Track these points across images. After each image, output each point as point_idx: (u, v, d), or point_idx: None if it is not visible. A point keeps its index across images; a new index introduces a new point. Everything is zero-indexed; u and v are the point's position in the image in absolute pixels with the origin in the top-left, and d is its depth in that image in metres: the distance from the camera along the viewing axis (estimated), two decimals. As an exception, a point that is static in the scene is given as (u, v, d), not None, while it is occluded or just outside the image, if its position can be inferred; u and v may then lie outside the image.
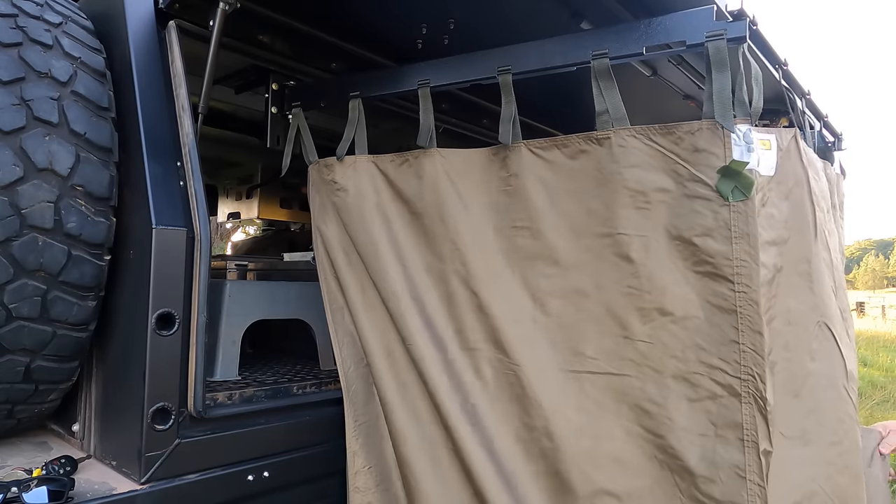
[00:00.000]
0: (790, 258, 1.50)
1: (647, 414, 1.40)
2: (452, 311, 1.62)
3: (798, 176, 1.60)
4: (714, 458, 1.32)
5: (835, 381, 1.68)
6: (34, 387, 1.51)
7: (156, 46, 1.66)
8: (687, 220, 1.37)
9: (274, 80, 2.09)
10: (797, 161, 1.60)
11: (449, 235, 1.63)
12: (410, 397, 1.66)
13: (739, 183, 1.31)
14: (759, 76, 1.45)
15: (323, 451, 1.79)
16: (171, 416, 1.45)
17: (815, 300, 1.61)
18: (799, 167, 1.61)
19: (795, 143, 1.60)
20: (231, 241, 4.93)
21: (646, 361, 1.41)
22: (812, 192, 1.66)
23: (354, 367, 1.81)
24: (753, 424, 1.29)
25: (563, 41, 1.57)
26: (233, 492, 1.56)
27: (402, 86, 1.81)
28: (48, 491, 1.28)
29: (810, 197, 1.64)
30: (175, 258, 1.47)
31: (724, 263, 1.33)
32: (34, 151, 1.37)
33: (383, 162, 1.77)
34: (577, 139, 1.51)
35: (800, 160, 1.61)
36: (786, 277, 1.46)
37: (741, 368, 1.31)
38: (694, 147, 1.37)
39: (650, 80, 2.32)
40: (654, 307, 1.40)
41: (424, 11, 1.99)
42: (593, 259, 1.48)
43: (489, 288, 1.58)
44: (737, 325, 1.32)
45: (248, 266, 3.03)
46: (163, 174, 1.53)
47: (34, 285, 1.39)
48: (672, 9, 1.45)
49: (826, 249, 1.77)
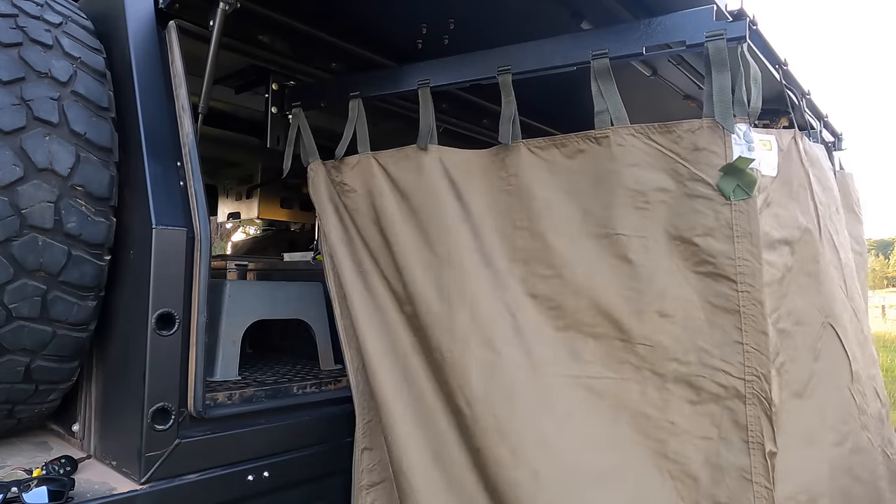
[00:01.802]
0: (799, 258, 1.49)
1: (647, 419, 1.39)
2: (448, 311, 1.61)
3: (800, 177, 1.59)
4: (718, 461, 1.31)
5: (839, 382, 1.67)
6: (34, 387, 1.51)
7: (156, 46, 1.66)
8: (687, 219, 1.37)
9: (274, 80, 2.09)
10: (798, 162, 1.60)
11: (445, 233, 1.62)
12: (408, 397, 1.65)
13: (742, 181, 1.31)
14: (759, 76, 1.45)
15: (323, 450, 1.79)
16: (171, 416, 1.45)
17: (822, 300, 1.60)
18: (800, 168, 1.61)
19: (795, 143, 1.59)
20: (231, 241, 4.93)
21: (645, 364, 1.40)
22: (815, 192, 1.66)
23: (362, 366, 1.81)
24: (759, 426, 1.28)
25: (562, 41, 1.57)
26: (233, 492, 1.56)
27: (402, 86, 1.81)
28: (48, 491, 1.28)
29: (813, 197, 1.64)
30: (175, 258, 1.47)
31: (726, 263, 1.32)
32: (34, 151, 1.37)
33: (384, 158, 1.77)
34: (576, 138, 1.50)
35: (800, 161, 1.61)
36: (795, 277, 1.46)
37: (745, 369, 1.30)
38: (694, 146, 1.36)
39: (650, 80, 2.32)
40: (653, 309, 1.40)
41: (424, 11, 1.99)
42: (592, 260, 1.47)
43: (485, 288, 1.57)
44: (740, 325, 1.31)
45: (248, 266, 3.03)
46: (163, 174, 1.53)
47: (34, 285, 1.39)
48: (672, 9, 1.45)
49: (833, 250, 1.76)
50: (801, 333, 1.48)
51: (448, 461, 1.57)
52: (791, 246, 1.44)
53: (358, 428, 1.80)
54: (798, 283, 1.47)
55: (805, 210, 1.57)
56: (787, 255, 1.41)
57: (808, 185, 1.63)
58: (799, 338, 1.47)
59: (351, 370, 1.82)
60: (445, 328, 1.58)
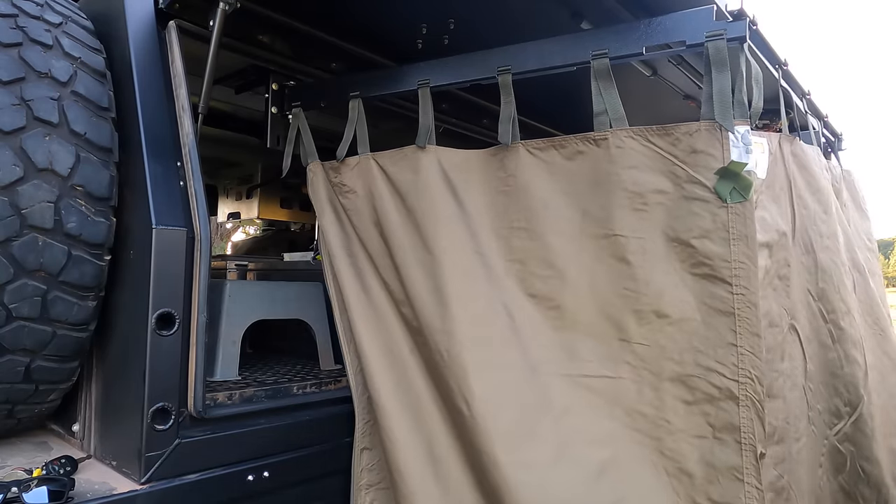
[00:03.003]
0: (774, 261, 1.51)
1: (643, 417, 1.40)
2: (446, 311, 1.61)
3: (782, 180, 1.61)
4: (712, 460, 1.32)
5: (797, 381, 1.70)
6: (34, 387, 1.51)
7: (156, 46, 1.66)
8: (684, 221, 1.37)
9: (274, 80, 2.09)
10: (781, 165, 1.61)
11: (442, 233, 1.62)
12: (405, 398, 1.65)
13: (738, 184, 1.31)
14: (759, 76, 1.45)
15: (323, 450, 1.79)
16: (171, 416, 1.45)
17: (790, 303, 1.63)
18: (783, 171, 1.62)
19: (780, 146, 1.60)
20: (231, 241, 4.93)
21: (642, 364, 1.41)
22: (797, 195, 1.67)
23: (361, 367, 1.81)
24: (751, 427, 1.30)
25: (562, 41, 1.57)
26: (233, 492, 1.56)
27: (402, 86, 1.82)
28: (48, 491, 1.28)
29: (792, 201, 1.65)
30: (175, 258, 1.48)
31: (721, 265, 1.33)
32: (34, 151, 1.37)
33: (382, 158, 1.78)
34: (575, 140, 1.51)
35: (783, 164, 1.62)
36: (770, 279, 1.47)
37: (739, 371, 1.31)
38: (692, 148, 1.37)
39: (650, 80, 2.32)
40: (650, 309, 1.40)
41: (424, 11, 1.99)
42: (590, 261, 1.48)
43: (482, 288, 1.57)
44: (734, 327, 1.32)
45: (248, 266, 3.03)
46: (163, 174, 1.53)
47: (34, 285, 1.39)
48: (672, 9, 1.45)
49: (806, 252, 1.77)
50: (772, 335, 1.50)
51: (445, 461, 1.57)
52: (770, 249, 1.46)
53: (357, 428, 1.80)
54: (772, 286, 1.49)
55: (783, 213, 1.58)
56: (766, 258, 1.43)
57: (788, 188, 1.64)
58: (770, 339, 1.48)
59: (351, 371, 1.83)
60: (443, 328, 1.58)
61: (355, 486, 1.78)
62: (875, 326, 2.26)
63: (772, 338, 1.50)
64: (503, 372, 1.52)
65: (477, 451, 1.49)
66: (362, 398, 1.81)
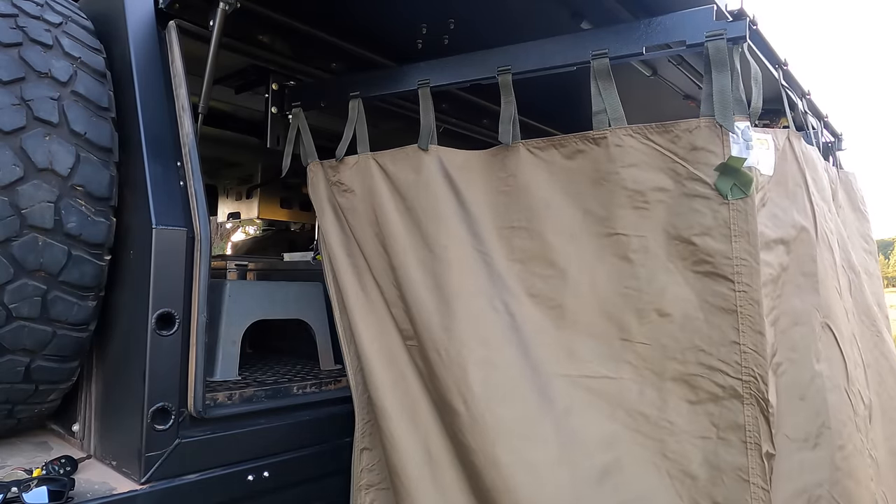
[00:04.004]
0: (795, 257, 1.49)
1: (645, 418, 1.39)
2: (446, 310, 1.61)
3: (796, 176, 1.59)
4: (716, 461, 1.31)
5: (838, 383, 1.67)
6: (34, 387, 1.51)
7: (156, 46, 1.67)
8: (686, 219, 1.37)
9: (274, 80, 2.09)
10: (793, 161, 1.60)
11: (443, 232, 1.62)
12: (404, 399, 1.65)
13: (738, 180, 1.31)
14: (759, 76, 1.45)
15: (323, 450, 1.79)
16: (171, 416, 1.45)
17: (820, 300, 1.59)
18: (795, 167, 1.60)
19: (789, 143, 1.59)
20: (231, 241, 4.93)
21: (644, 364, 1.40)
22: (811, 192, 1.66)
23: (361, 367, 1.81)
24: (756, 426, 1.28)
25: (562, 41, 1.57)
26: (233, 492, 1.56)
27: (402, 86, 1.81)
28: (48, 491, 1.28)
29: (809, 197, 1.64)
30: (175, 258, 1.48)
31: (723, 263, 1.32)
32: (34, 151, 1.37)
33: (382, 157, 1.77)
34: (574, 139, 1.51)
35: (795, 161, 1.61)
36: (791, 277, 1.45)
37: (742, 370, 1.30)
38: (692, 145, 1.36)
39: (650, 80, 2.32)
40: (652, 308, 1.39)
41: (424, 11, 1.99)
42: (591, 259, 1.47)
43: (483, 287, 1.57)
44: (737, 325, 1.31)
45: (248, 266, 3.03)
46: (163, 174, 1.53)
47: (34, 285, 1.39)
48: (672, 9, 1.45)
49: (829, 250, 1.76)
50: (800, 334, 1.48)
51: (444, 461, 1.57)
52: (787, 245, 1.44)
53: (357, 428, 1.80)
54: (795, 283, 1.47)
55: (801, 209, 1.56)
56: (783, 255, 1.41)
57: (804, 184, 1.62)
58: (798, 338, 1.46)
59: (351, 371, 1.83)
60: (443, 327, 1.58)
61: (355, 486, 1.78)
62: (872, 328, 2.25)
63: (799, 337, 1.47)
64: (503, 371, 1.51)
65: (475, 450, 1.48)
66: (362, 398, 1.81)
